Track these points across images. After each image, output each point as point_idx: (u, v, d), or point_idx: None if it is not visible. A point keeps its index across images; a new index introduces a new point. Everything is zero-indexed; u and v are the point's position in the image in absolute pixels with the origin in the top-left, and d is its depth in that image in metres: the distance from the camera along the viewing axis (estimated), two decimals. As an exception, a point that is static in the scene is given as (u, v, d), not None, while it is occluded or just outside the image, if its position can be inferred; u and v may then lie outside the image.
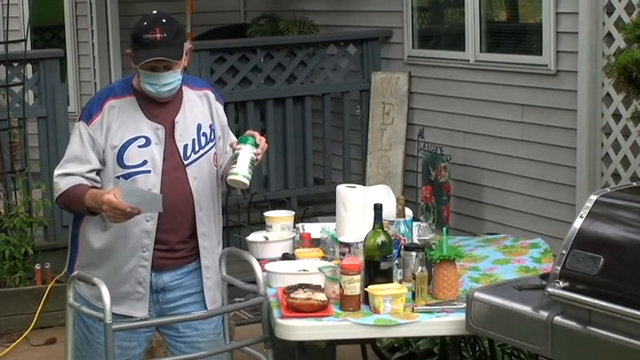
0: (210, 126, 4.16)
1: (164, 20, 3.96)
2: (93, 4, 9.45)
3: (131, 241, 4.02)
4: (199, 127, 4.12)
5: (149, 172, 4.01)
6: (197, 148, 4.10)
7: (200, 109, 4.14)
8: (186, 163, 4.08)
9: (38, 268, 6.83)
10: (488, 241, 4.88)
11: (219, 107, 4.21)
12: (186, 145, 4.08)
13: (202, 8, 8.94)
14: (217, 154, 4.18)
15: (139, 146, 4.01)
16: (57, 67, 7.31)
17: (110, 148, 4.00)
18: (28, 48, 7.39)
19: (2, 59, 7.19)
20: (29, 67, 7.54)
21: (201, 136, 4.12)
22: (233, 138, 4.30)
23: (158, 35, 3.91)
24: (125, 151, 4.00)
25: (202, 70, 7.40)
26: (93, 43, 9.55)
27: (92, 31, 9.54)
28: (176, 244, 4.10)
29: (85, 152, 4.00)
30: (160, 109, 4.06)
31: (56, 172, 4.06)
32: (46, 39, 10.33)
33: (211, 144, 4.15)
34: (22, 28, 9.37)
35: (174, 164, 4.06)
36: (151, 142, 4.02)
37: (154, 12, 4.03)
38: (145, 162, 4.01)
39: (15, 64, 7.23)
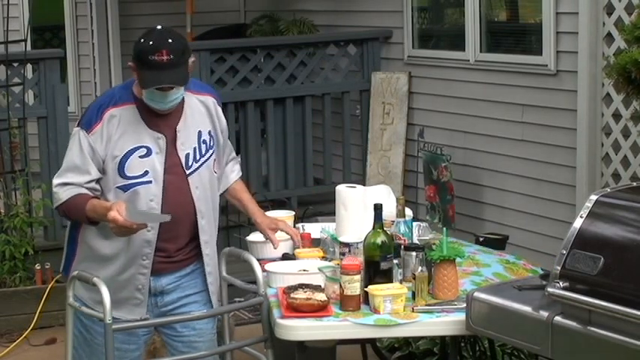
0: (210, 132, 4.10)
1: (170, 40, 3.83)
2: (93, 4, 9.44)
3: (132, 249, 3.99)
4: (200, 134, 4.06)
5: (150, 182, 3.95)
6: (198, 157, 4.04)
7: (200, 115, 4.09)
8: (188, 172, 4.02)
9: (38, 268, 6.82)
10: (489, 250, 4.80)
11: (219, 110, 4.16)
12: (188, 154, 4.02)
13: (202, 8, 8.93)
14: (217, 160, 4.14)
15: (140, 156, 3.94)
16: (57, 67, 7.30)
17: (111, 159, 3.93)
18: (28, 48, 7.37)
19: (2, 59, 7.18)
20: (29, 67, 7.54)
21: (202, 144, 4.06)
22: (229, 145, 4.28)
23: (165, 57, 3.78)
24: (126, 161, 3.93)
25: (202, 70, 7.38)
26: (93, 43, 9.54)
27: (92, 31, 9.52)
28: (175, 252, 4.08)
29: (85, 162, 3.92)
30: (161, 117, 3.98)
31: (55, 180, 3.98)
32: (46, 39, 10.34)
33: (211, 151, 4.10)
34: (22, 28, 9.36)
35: (175, 174, 4.00)
36: (152, 152, 3.96)
37: (159, 27, 3.91)
38: (146, 172, 3.95)
39: (15, 64, 7.22)
